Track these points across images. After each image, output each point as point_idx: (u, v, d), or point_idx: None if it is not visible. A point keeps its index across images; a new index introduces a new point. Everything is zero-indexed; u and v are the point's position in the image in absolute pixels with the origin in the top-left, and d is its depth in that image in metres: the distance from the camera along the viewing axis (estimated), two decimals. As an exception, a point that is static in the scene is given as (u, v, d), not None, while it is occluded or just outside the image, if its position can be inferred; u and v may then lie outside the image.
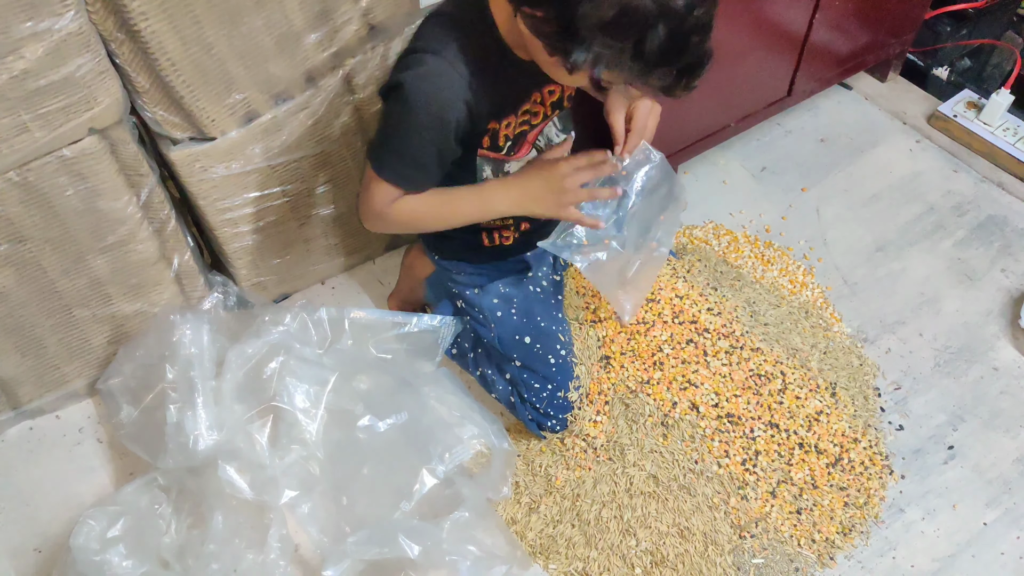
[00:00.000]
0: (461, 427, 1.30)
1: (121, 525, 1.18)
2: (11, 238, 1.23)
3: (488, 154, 1.19)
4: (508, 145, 1.20)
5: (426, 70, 1.05)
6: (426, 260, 1.49)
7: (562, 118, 1.27)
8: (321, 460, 1.21)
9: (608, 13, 0.87)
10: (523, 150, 1.24)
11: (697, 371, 1.36)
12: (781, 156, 1.89)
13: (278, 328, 1.29)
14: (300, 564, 1.23)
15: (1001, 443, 1.43)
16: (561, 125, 1.28)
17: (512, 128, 1.18)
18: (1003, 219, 1.75)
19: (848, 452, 1.36)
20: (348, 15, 1.26)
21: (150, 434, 1.25)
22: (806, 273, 1.67)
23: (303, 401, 1.23)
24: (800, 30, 1.64)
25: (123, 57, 1.15)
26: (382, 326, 1.39)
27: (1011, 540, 1.32)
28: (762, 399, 1.36)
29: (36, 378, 1.43)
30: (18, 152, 1.13)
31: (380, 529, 1.15)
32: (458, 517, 1.20)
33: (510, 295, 1.37)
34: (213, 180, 1.33)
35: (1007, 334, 1.57)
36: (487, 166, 1.21)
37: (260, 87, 1.27)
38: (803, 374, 1.41)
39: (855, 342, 1.56)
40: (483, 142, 1.17)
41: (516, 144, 1.21)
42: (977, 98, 1.88)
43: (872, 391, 1.49)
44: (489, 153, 1.19)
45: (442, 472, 1.22)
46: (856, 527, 1.32)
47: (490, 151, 1.19)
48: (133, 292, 1.40)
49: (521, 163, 1.24)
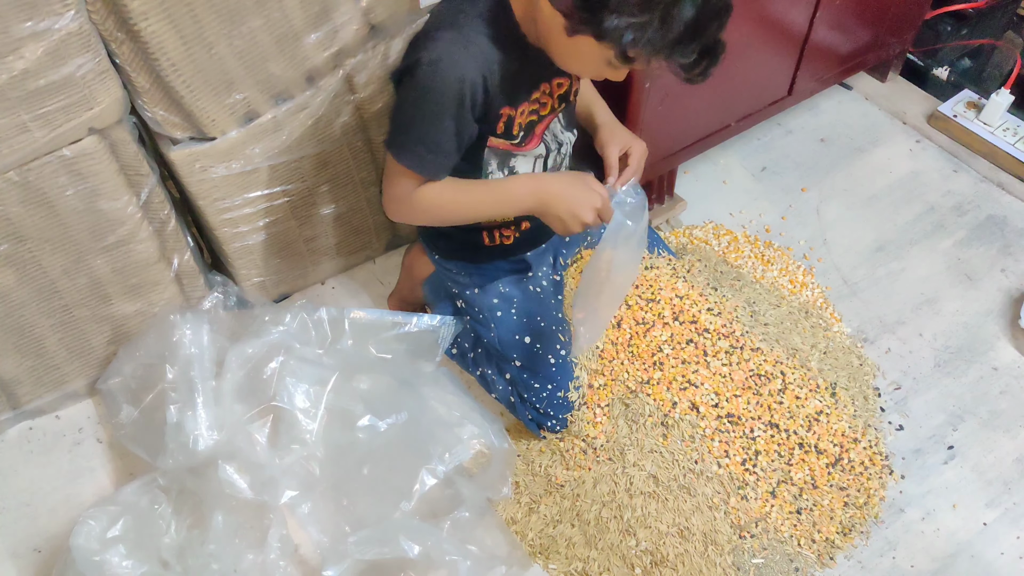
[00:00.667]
0: (461, 427, 1.30)
1: (121, 525, 1.18)
2: (11, 238, 1.23)
3: (498, 144, 1.18)
4: (521, 135, 1.19)
5: (444, 45, 1.04)
6: (426, 260, 1.49)
7: (566, 115, 1.26)
8: (321, 460, 1.21)
9: None
10: (532, 142, 1.23)
11: (697, 371, 1.36)
12: (781, 156, 1.89)
13: (278, 328, 1.29)
14: (300, 564, 1.23)
15: (1001, 443, 1.43)
16: (565, 122, 1.27)
17: (524, 116, 1.18)
18: (1003, 219, 1.75)
19: (848, 452, 1.36)
20: (348, 15, 1.26)
21: (150, 434, 1.25)
22: (806, 273, 1.67)
23: (303, 401, 1.23)
24: (800, 30, 1.64)
25: (123, 57, 1.15)
26: (382, 326, 1.39)
27: (1011, 540, 1.32)
28: (762, 399, 1.36)
29: (36, 378, 1.43)
30: (18, 152, 1.13)
31: (380, 529, 1.15)
32: (458, 517, 1.20)
33: (510, 295, 1.37)
34: (213, 180, 1.33)
35: (1007, 334, 1.57)
36: (493, 160, 1.20)
37: (260, 87, 1.27)
38: (803, 374, 1.41)
39: (855, 342, 1.56)
40: (497, 128, 1.16)
41: (527, 134, 1.21)
42: (977, 98, 1.88)
43: (872, 391, 1.49)
44: (500, 143, 1.18)
45: (442, 472, 1.22)
46: (856, 527, 1.33)
47: (503, 138, 1.18)
48: (133, 292, 1.40)
49: (528, 157, 1.24)
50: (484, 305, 1.37)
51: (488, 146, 1.18)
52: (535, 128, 1.21)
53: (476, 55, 1.06)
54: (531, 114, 1.19)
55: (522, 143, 1.21)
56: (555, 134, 1.26)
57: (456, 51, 1.05)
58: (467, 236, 1.33)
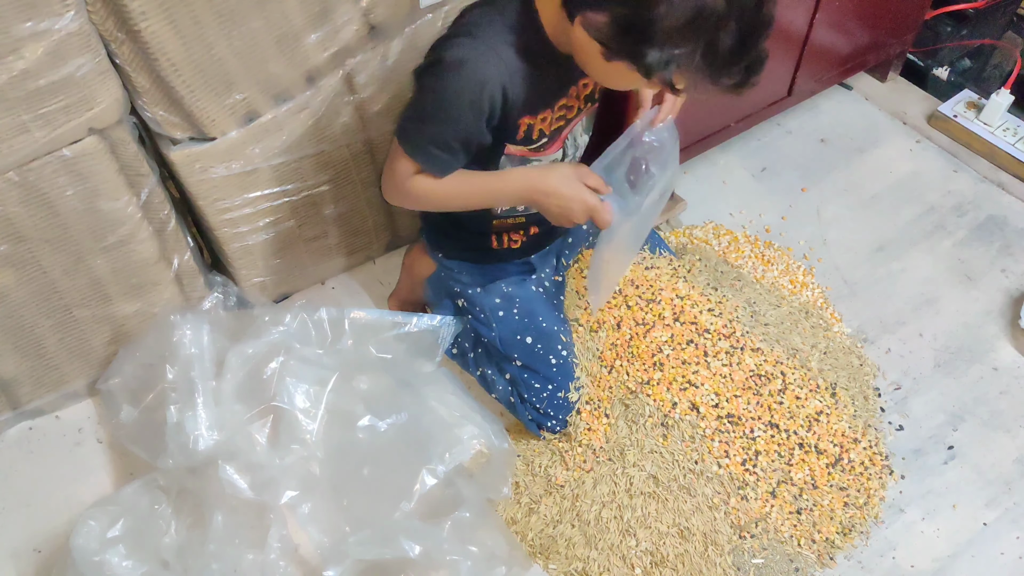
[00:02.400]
0: (461, 427, 1.30)
1: (121, 525, 1.18)
2: (11, 238, 1.23)
3: (515, 151, 1.17)
4: (544, 141, 1.19)
5: (466, 52, 1.04)
6: (426, 260, 1.49)
7: (589, 116, 1.26)
8: (321, 460, 1.21)
9: (683, 16, 0.87)
10: (553, 147, 1.22)
11: (697, 372, 1.36)
12: (781, 156, 1.89)
13: (278, 328, 1.29)
14: (300, 564, 1.23)
15: (1001, 443, 1.43)
16: (587, 124, 1.27)
17: (548, 123, 1.17)
18: (1003, 219, 1.75)
19: (848, 452, 1.36)
20: (348, 15, 1.26)
21: (150, 434, 1.25)
22: (806, 273, 1.67)
23: (303, 401, 1.22)
24: (801, 30, 1.64)
25: (123, 57, 1.15)
26: (382, 326, 1.39)
27: (1011, 540, 1.32)
28: (762, 399, 1.36)
29: (36, 378, 1.43)
30: (18, 152, 1.13)
31: (381, 529, 1.15)
32: (458, 518, 1.20)
33: (512, 295, 1.37)
34: (213, 180, 1.33)
35: (1007, 334, 1.57)
36: (509, 165, 1.20)
37: (260, 87, 1.26)
38: (803, 374, 1.41)
39: (855, 342, 1.56)
40: (517, 136, 1.15)
41: (552, 140, 1.20)
42: (977, 98, 1.88)
43: (872, 391, 1.49)
44: (518, 150, 1.18)
45: (442, 472, 1.22)
46: (856, 527, 1.33)
47: (522, 144, 1.17)
48: (133, 292, 1.40)
49: (545, 161, 1.23)
50: (486, 305, 1.37)
51: (505, 153, 1.17)
52: (561, 132, 1.21)
53: (498, 65, 1.04)
54: (558, 120, 1.18)
55: (543, 148, 1.20)
56: (575, 137, 1.26)
57: (480, 58, 1.04)
58: (474, 239, 1.33)
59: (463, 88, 1.04)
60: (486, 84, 1.04)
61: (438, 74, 1.05)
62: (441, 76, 1.04)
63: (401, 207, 1.26)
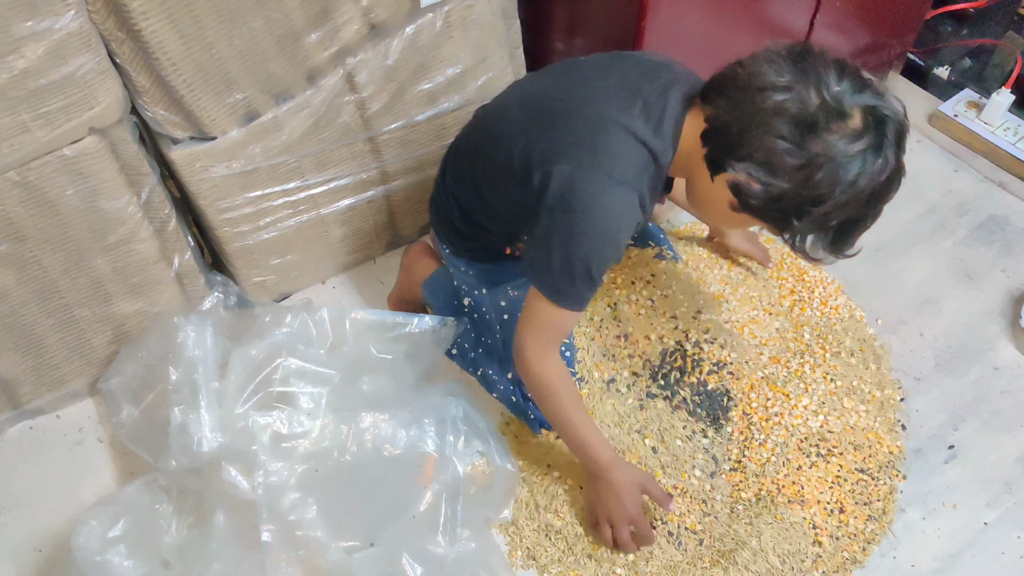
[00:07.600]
0: (468, 442, 1.29)
1: (122, 525, 1.18)
2: (11, 238, 1.23)
3: None
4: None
5: (622, 202, 1.07)
6: (426, 260, 1.49)
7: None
8: (323, 461, 1.21)
9: (844, 212, 0.98)
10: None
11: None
12: (781, 156, 1.88)
13: (280, 329, 1.28)
14: (300, 564, 1.23)
15: (1001, 443, 1.43)
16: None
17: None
18: (1004, 219, 1.75)
19: (861, 456, 1.36)
20: (349, 14, 1.26)
21: (151, 434, 1.25)
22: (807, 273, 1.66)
23: (305, 402, 1.22)
24: (801, 30, 1.64)
25: (123, 57, 1.14)
26: (383, 326, 1.38)
27: (1011, 540, 1.32)
28: (766, 400, 1.36)
29: (36, 378, 1.43)
30: (18, 152, 1.13)
31: (384, 549, 1.15)
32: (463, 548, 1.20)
33: (518, 299, 1.37)
34: (213, 179, 1.33)
35: (1007, 334, 1.57)
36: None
37: (261, 86, 1.26)
38: (804, 374, 1.41)
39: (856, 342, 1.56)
40: None
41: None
42: (978, 98, 1.88)
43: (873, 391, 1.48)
44: None
45: (443, 474, 1.22)
46: (876, 539, 1.30)
47: None
48: (133, 292, 1.40)
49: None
50: (491, 306, 1.37)
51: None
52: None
53: (639, 211, 1.09)
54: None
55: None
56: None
57: (630, 212, 1.08)
58: (489, 239, 1.33)
59: (617, 243, 1.10)
60: (629, 232, 1.10)
61: (593, 224, 1.07)
62: (596, 227, 1.07)
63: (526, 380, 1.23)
